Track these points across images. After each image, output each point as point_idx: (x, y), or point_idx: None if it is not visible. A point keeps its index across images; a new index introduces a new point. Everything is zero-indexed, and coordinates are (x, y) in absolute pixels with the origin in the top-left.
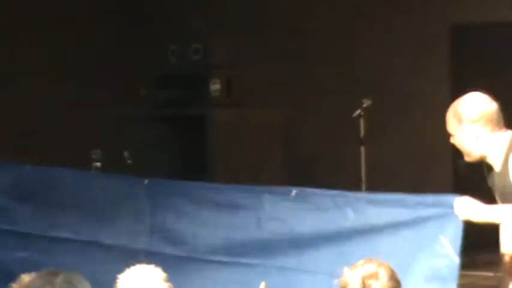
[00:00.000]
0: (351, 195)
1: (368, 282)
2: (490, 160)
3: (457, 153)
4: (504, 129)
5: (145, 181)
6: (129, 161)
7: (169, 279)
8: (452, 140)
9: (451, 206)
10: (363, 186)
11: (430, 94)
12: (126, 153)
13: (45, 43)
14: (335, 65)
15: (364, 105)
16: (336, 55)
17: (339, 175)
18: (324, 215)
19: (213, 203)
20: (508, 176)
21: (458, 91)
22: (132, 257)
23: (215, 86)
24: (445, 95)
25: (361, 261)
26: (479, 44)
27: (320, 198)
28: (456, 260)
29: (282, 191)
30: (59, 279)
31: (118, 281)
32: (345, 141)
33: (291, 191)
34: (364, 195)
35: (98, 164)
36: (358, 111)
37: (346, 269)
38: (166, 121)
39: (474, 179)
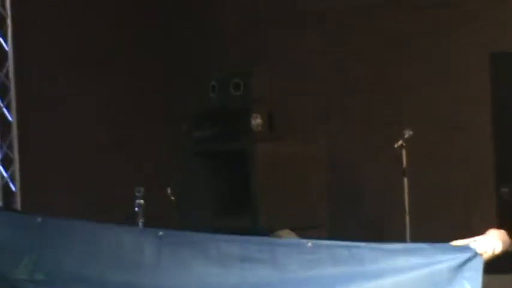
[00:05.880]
0: (366, 245)
1: None
2: None
3: (500, 181)
4: None
5: (160, 233)
6: (172, 198)
7: None
8: None
9: (471, 251)
10: (407, 218)
11: (472, 123)
12: (169, 190)
13: (86, 84)
14: (375, 96)
15: (406, 136)
16: (376, 86)
17: (382, 207)
18: (340, 266)
19: (224, 255)
20: None
21: (500, 119)
22: None
23: (256, 121)
24: (487, 123)
25: None
26: None
27: (335, 249)
28: None
29: (296, 243)
30: None
31: None
32: (387, 173)
33: (306, 243)
34: (380, 245)
35: (141, 201)
36: (400, 142)
37: None
38: (208, 156)
39: None
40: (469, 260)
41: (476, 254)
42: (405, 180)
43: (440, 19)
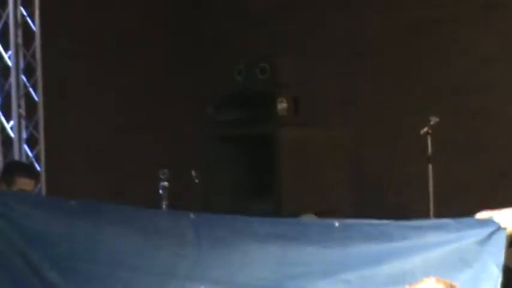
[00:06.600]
0: (393, 222)
1: None
2: None
3: None
4: None
5: (191, 216)
6: (196, 181)
7: None
8: None
9: (494, 225)
10: (431, 205)
11: (498, 111)
12: (193, 173)
13: (112, 66)
14: (401, 83)
15: (432, 123)
16: (402, 73)
17: (406, 194)
18: (372, 244)
19: (260, 235)
20: None
21: None
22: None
23: (282, 105)
24: None
25: (420, 279)
26: None
27: (364, 227)
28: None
29: (324, 223)
30: None
31: None
32: (411, 160)
33: (334, 223)
34: (406, 222)
35: (166, 183)
36: (425, 129)
37: (406, 286)
38: (233, 140)
39: None
40: (492, 234)
41: (499, 228)
42: (430, 167)
43: (467, 5)
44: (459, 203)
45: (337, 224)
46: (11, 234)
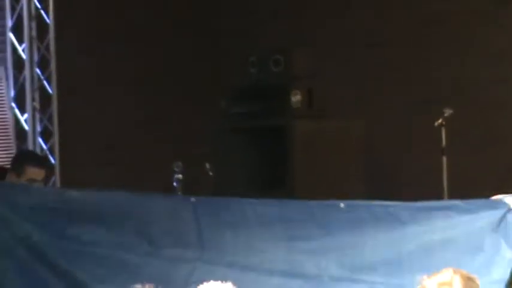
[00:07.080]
0: (401, 204)
1: None
2: None
3: None
4: None
5: (192, 199)
6: (210, 173)
7: None
8: None
9: (504, 206)
10: (445, 197)
11: (510, 104)
12: (207, 166)
13: (125, 58)
14: (414, 76)
15: (446, 115)
16: (414, 65)
17: (420, 186)
18: (382, 225)
19: (262, 216)
20: None
21: None
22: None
23: (296, 97)
24: None
25: (437, 270)
26: None
27: (373, 208)
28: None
29: (329, 203)
30: None
31: None
32: (426, 152)
33: (339, 204)
34: (415, 204)
35: (180, 176)
36: (439, 121)
37: (425, 277)
38: (247, 133)
39: None
40: (504, 216)
41: (509, 210)
42: (444, 159)
43: None
44: (470, 196)
45: (341, 205)
46: (13, 226)
